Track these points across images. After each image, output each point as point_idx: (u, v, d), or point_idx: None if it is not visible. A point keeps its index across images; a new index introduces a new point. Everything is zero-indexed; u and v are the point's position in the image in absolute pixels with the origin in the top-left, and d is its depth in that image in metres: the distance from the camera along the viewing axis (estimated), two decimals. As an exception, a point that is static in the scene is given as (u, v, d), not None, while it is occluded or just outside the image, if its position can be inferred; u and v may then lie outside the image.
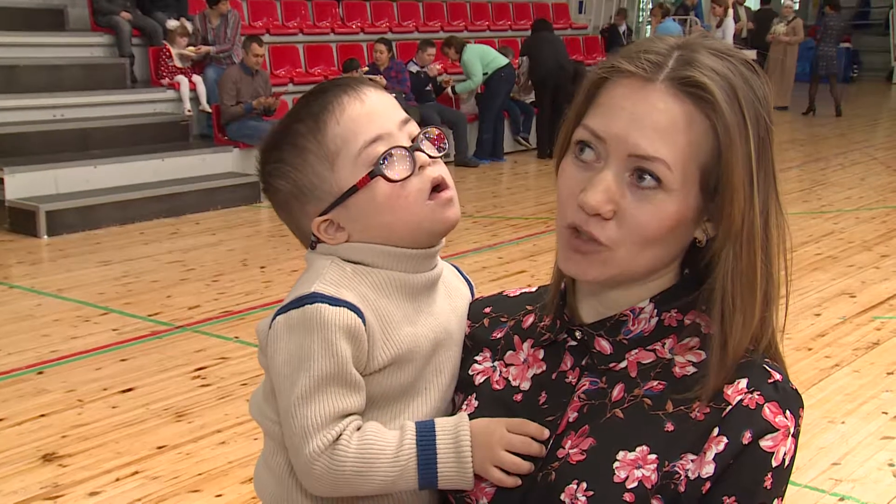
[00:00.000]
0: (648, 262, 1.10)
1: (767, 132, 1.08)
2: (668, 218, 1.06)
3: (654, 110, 1.05)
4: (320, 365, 1.12)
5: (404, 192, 1.17)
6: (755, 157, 1.05)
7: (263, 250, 6.96)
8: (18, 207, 7.45)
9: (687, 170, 1.05)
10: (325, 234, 1.21)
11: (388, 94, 1.24)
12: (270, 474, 1.23)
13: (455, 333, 1.27)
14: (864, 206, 8.57)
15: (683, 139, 1.05)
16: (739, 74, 1.07)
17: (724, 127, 1.04)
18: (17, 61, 8.94)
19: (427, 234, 1.20)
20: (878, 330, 5.21)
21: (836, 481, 3.52)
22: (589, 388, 1.15)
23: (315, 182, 1.20)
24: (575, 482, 1.09)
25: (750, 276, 1.07)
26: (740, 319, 1.07)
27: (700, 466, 1.05)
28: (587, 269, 1.10)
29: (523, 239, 7.29)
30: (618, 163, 1.06)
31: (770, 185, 1.08)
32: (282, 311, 1.15)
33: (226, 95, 9.04)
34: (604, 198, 1.06)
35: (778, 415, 1.05)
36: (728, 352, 1.07)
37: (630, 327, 1.14)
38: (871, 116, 15.91)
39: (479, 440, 1.14)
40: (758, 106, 1.06)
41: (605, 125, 1.07)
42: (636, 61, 1.07)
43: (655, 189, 1.05)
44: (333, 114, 1.19)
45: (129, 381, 4.45)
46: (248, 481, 3.50)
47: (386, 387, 1.18)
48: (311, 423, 1.12)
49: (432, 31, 12.52)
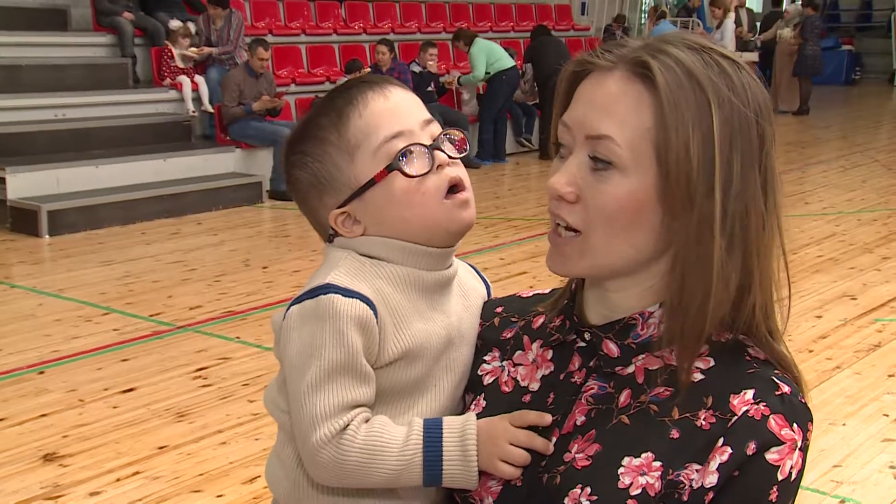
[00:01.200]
0: (626, 251, 1.10)
1: (747, 121, 1.07)
2: (625, 197, 1.07)
3: (606, 92, 1.09)
4: (331, 354, 1.12)
5: (421, 188, 1.18)
6: (719, 139, 1.05)
7: (265, 251, 6.96)
8: (20, 207, 7.46)
9: (639, 149, 1.06)
10: (342, 227, 1.22)
11: (413, 94, 1.25)
12: (281, 465, 1.24)
13: (468, 333, 1.28)
14: (866, 208, 8.57)
15: (633, 118, 1.07)
16: (712, 63, 1.08)
17: (664, 104, 1.05)
18: (20, 61, 8.95)
19: (442, 233, 1.21)
20: (879, 332, 5.20)
21: (837, 483, 3.52)
22: (597, 391, 1.15)
23: (334, 174, 1.21)
24: (579, 487, 1.09)
25: (701, 260, 1.06)
26: (690, 294, 1.07)
27: (704, 476, 1.04)
28: (565, 261, 1.13)
29: (525, 240, 7.29)
30: (580, 148, 1.10)
31: (752, 175, 1.07)
32: (296, 302, 1.16)
33: (228, 96, 9.04)
34: (564, 180, 1.09)
35: (784, 427, 1.05)
36: (690, 323, 1.07)
37: (639, 331, 1.13)
38: (873, 119, 15.90)
39: (484, 436, 1.15)
40: (729, 94, 1.06)
41: (570, 113, 1.12)
42: (603, 55, 1.11)
43: (609, 168, 1.08)
44: (357, 107, 1.20)
45: (131, 381, 4.45)
46: (250, 481, 3.50)
47: (395, 381, 1.18)
48: (319, 411, 1.12)
49: (435, 32, 12.53)
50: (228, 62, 9.82)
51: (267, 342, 4.96)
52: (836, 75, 21.50)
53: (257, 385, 4.39)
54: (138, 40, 9.90)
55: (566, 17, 15.11)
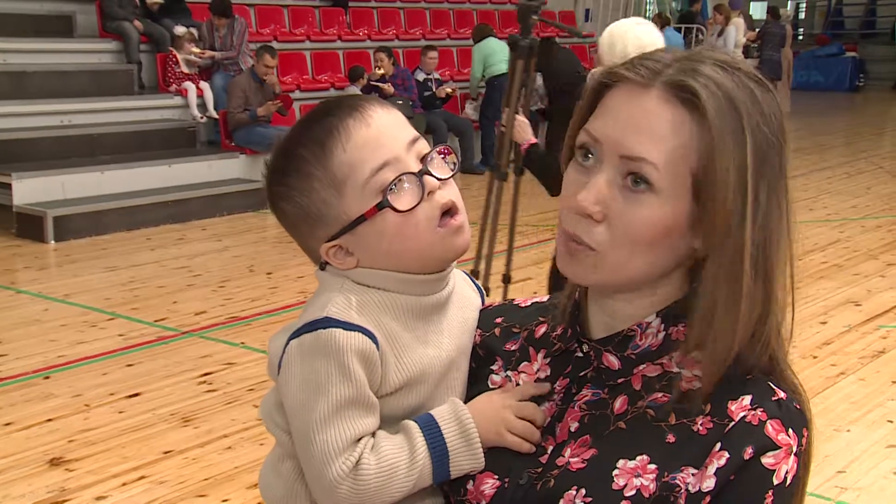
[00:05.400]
0: (642, 269, 1.10)
1: (774, 148, 1.07)
2: (658, 221, 1.07)
3: (646, 113, 1.07)
4: (338, 389, 1.12)
5: (413, 220, 1.15)
6: (752, 169, 1.05)
7: (270, 256, 6.98)
8: (26, 213, 7.48)
9: (677, 173, 1.06)
10: (334, 259, 1.20)
11: (394, 109, 1.22)
12: (278, 478, 1.23)
13: (467, 349, 1.27)
14: (870, 214, 8.57)
15: (673, 142, 1.05)
16: (744, 87, 1.07)
17: (712, 134, 1.04)
18: (26, 67, 8.98)
19: (436, 261, 1.20)
20: (883, 339, 5.21)
21: (842, 489, 3.52)
22: (591, 398, 1.15)
23: (322, 209, 1.18)
24: (574, 488, 1.09)
25: (733, 287, 1.06)
26: (721, 328, 1.07)
27: (701, 480, 1.05)
28: (576, 270, 1.11)
29: (529, 246, 7.29)
30: (611, 165, 1.08)
31: (774, 203, 1.07)
32: (295, 336, 1.15)
33: (233, 102, 9.06)
34: (593, 199, 1.07)
35: (780, 432, 1.05)
36: (716, 357, 1.07)
37: (637, 342, 1.14)
38: (878, 125, 15.90)
39: (486, 413, 1.16)
40: (759, 120, 1.06)
41: (601, 128, 1.09)
42: (635, 69, 1.09)
43: (645, 192, 1.06)
44: (339, 140, 1.17)
45: (136, 387, 4.47)
46: (255, 486, 3.51)
47: (396, 408, 1.18)
48: (331, 448, 1.12)
49: (439, 39, 12.55)
50: (233, 68, 9.85)
51: (272, 347, 4.98)
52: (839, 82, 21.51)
53: (262, 390, 4.40)
54: (144, 47, 9.92)
55: (570, 23, 15.11)
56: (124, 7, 9.76)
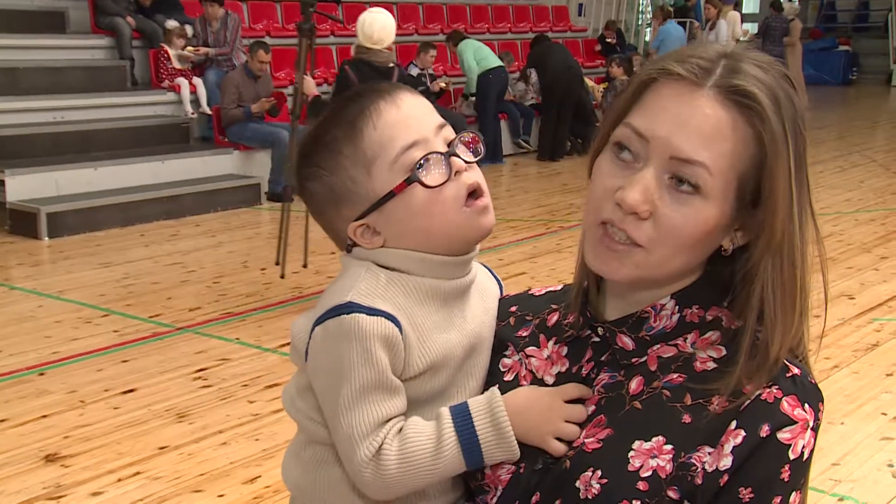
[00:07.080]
0: (678, 267, 1.12)
1: (804, 147, 1.09)
2: (705, 223, 1.07)
3: (700, 115, 1.06)
4: (360, 374, 1.13)
5: (440, 197, 1.18)
6: (794, 169, 1.06)
7: (264, 252, 6.97)
8: (19, 209, 7.46)
9: (727, 177, 1.06)
10: (361, 239, 1.22)
11: (422, 97, 1.25)
12: (298, 464, 1.26)
13: (487, 337, 1.28)
14: (863, 208, 8.59)
15: (726, 146, 1.05)
16: (780, 86, 1.08)
17: (771, 137, 1.05)
18: (18, 63, 8.96)
19: (462, 241, 1.21)
20: (877, 332, 5.22)
21: (836, 482, 3.53)
22: (608, 381, 1.17)
23: (350, 187, 1.20)
24: (590, 470, 1.10)
25: (791, 288, 1.09)
26: (780, 329, 1.08)
27: (718, 459, 1.06)
28: (618, 268, 1.11)
29: (523, 241, 7.30)
30: (659, 164, 1.07)
31: (805, 199, 1.09)
32: (319, 322, 1.16)
33: (227, 98, 9.05)
34: (642, 197, 1.06)
35: (796, 408, 1.07)
36: (769, 358, 1.08)
37: (652, 324, 1.15)
38: (871, 119, 15.93)
39: (532, 411, 1.16)
40: (797, 120, 1.08)
41: (649, 125, 1.08)
42: (686, 65, 1.08)
43: (693, 194, 1.06)
44: (370, 119, 1.19)
45: (131, 383, 4.46)
46: (250, 482, 3.51)
47: (419, 392, 1.19)
48: (356, 431, 1.14)
49: (432, 34, 12.54)
50: (226, 64, 9.83)
51: (266, 343, 4.98)
52: (833, 75, 21.56)
53: (257, 386, 4.40)
54: (136, 42, 9.90)
55: (563, 18, 15.13)
56: (117, 3, 9.73)
